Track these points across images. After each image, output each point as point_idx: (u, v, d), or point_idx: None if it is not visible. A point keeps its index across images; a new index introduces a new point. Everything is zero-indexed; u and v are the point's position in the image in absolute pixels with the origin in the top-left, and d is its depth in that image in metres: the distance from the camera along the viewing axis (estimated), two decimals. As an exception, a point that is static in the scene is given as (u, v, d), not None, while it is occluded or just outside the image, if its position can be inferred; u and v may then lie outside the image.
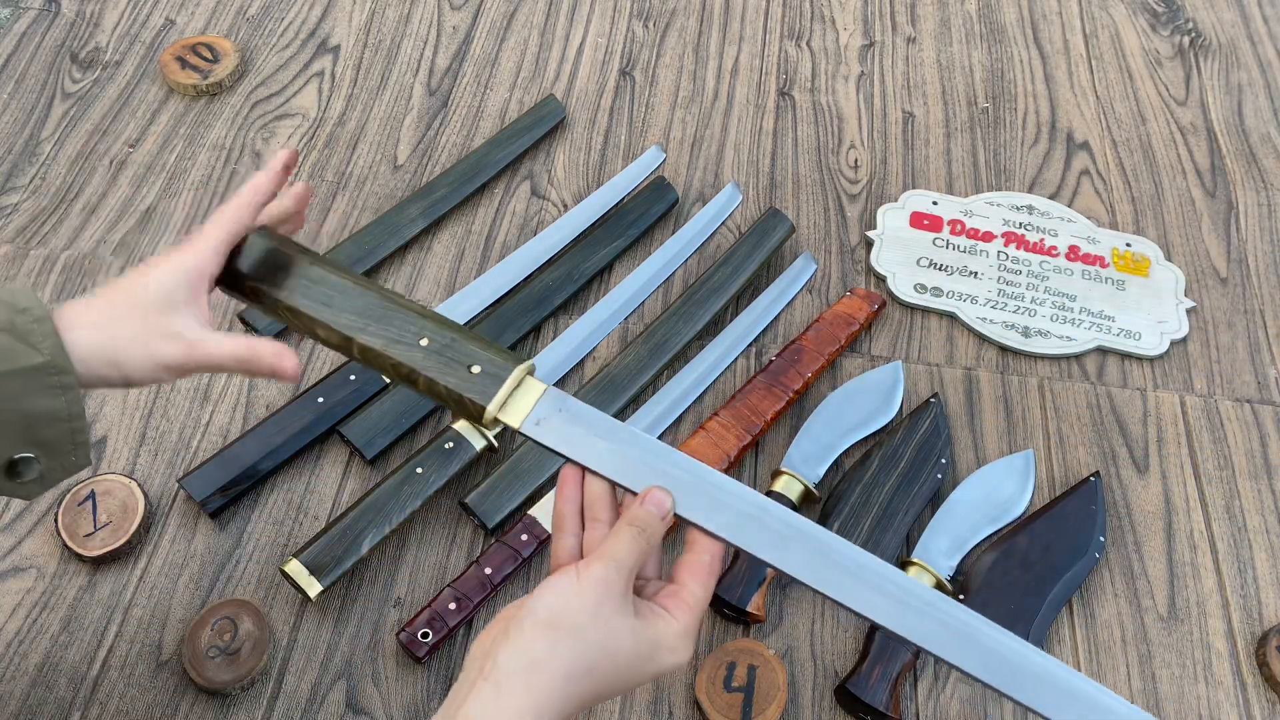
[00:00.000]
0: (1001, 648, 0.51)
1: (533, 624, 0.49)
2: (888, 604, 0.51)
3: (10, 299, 0.52)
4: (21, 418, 0.50)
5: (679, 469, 0.54)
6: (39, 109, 1.03)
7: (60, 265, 0.92)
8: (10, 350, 0.50)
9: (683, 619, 0.51)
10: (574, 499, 0.55)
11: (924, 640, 0.51)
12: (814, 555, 0.52)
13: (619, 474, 0.54)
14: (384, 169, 1.02)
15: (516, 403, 0.55)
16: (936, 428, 0.85)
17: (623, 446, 0.54)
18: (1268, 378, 0.94)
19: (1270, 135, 1.12)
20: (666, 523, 0.52)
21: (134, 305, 0.55)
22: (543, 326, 0.92)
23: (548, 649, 0.48)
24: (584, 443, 0.54)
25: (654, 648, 0.50)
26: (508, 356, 0.56)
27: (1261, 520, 0.85)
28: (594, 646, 0.49)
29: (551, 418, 0.55)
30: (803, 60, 1.16)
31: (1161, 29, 1.22)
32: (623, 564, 0.50)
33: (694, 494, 0.53)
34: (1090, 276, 0.98)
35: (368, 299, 0.59)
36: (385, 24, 1.15)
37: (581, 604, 0.49)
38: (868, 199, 1.04)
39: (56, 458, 0.53)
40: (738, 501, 0.53)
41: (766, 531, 0.52)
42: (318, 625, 0.75)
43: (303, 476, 0.82)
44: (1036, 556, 0.79)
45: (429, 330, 0.58)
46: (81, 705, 0.70)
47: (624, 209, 0.98)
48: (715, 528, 0.53)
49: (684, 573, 0.53)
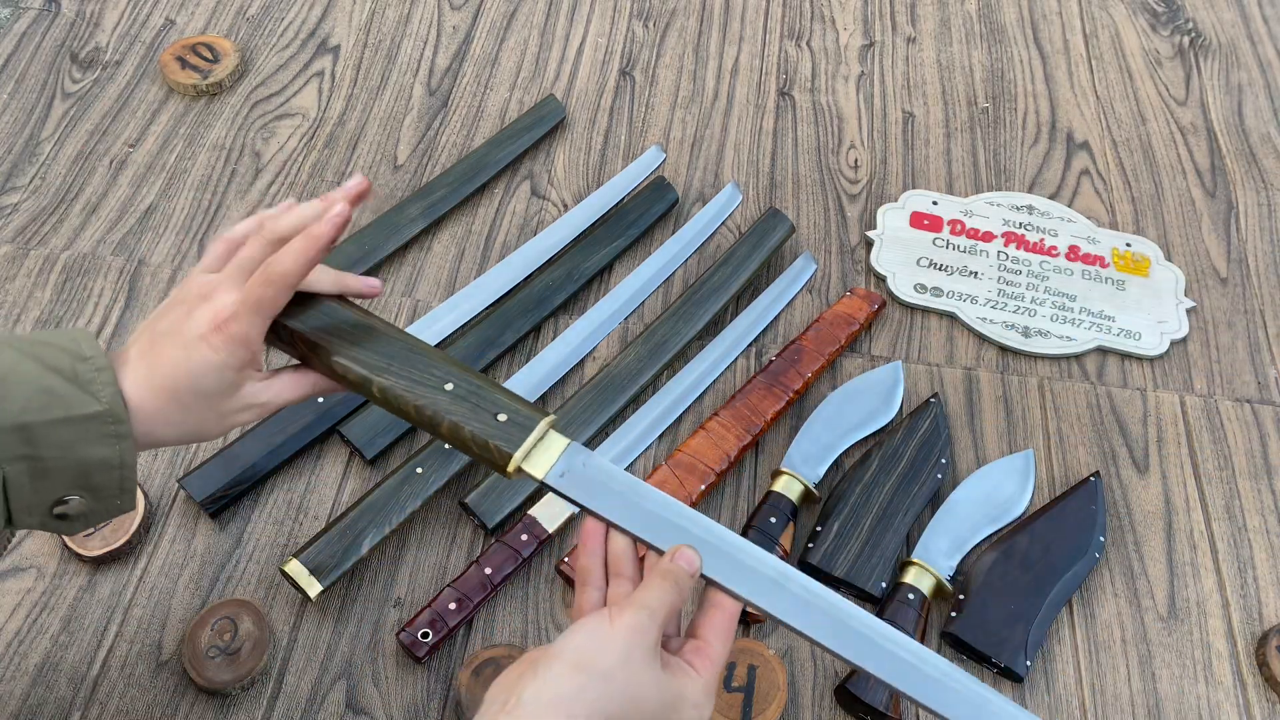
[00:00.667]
0: None
1: (561, 664, 0.49)
2: (903, 669, 0.52)
3: (74, 346, 0.52)
4: (76, 463, 0.51)
5: (701, 530, 0.54)
6: (39, 109, 1.03)
7: (60, 265, 0.92)
8: (72, 398, 0.50)
9: (706, 675, 0.52)
10: (598, 553, 0.56)
11: (938, 706, 0.52)
12: (835, 621, 0.53)
13: (644, 531, 0.54)
14: (384, 169, 1.02)
15: (541, 454, 0.55)
16: (936, 428, 0.85)
17: (646, 503, 0.55)
18: (1268, 378, 0.94)
19: (1270, 135, 1.12)
20: (694, 580, 0.53)
21: (198, 396, 0.54)
22: (543, 326, 0.91)
23: (575, 691, 0.48)
24: (608, 497, 0.55)
25: (679, 700, 0.51)
26: (533, 408, 0.56)
27: (1261, 520, 0.85)
28: (621, 693, 0.49)
29: (575, 471, 0.55)
30: (803, 60, 1.16)
31: (1161, 29, 1.22)
32: (655, 613, 0.51)
33: (717, 556, 0.54)
34: (1090, 276, 0.98)
35: (391, 341, 0.58)
36: (385, 24, 1.15)
37: (612, 648, 0.49)
38: (868, 199, 1.04)
39: (102, 501, 0.53)
40: (760, 565, 0.54)
41: (788, 596, 0.53)
42: (318, 625, 0.75)
43: (303, 476, 0.82)
44: (1036, 556, 0.79)
45: (454, 376, 0.56)
46: (81, 705, 0.70)
47: (624, 209, 0.98)
48: (739, 589, 0.53)
49: (706, 629, 0.53)
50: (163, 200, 0.98)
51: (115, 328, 0.88)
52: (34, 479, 0.50)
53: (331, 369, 0.57)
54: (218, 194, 0.99)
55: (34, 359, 0.51)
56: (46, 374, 0.50)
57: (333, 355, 0.57)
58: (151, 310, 0.89)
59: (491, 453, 0.55)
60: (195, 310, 0.54)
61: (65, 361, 0.51)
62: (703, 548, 0.53)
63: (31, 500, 0.51)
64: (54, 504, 0.52)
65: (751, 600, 0.53)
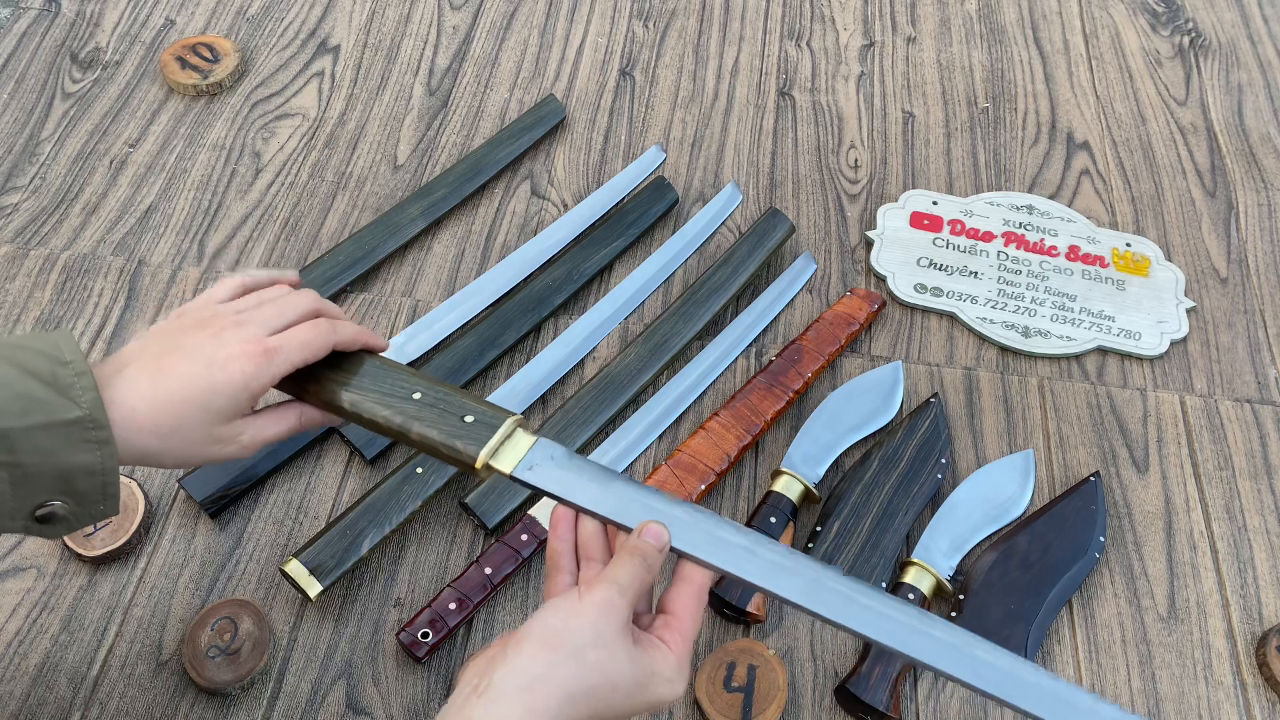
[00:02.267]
0: (995, 658, 0.52)
1: (532, 644, 0.49)
2: (879, 620, 0.53)
3: (53, 350, 0.52)
4: (57, 469, 0.50)
5: (670, 507, 0.55)
6: (39, 109, 1.03)
7: (60, 265, 0.92)
8: (51, 403, 0.50)
9: (678, 650, 0.52)
10: (568, 537, 0.56)
11: (917, 652, 0.52)
12: (807, 581, 0.53)
13: (613, 512, 0.55)
14: (384, 169, 1.02)
15: (508, 451, 0.57)
16: (936, 428, 0.85)
17: (614, 488, 0.56)
18: (1268, 378, 0.94)
19: (1270, 135, 1.12)
20: (663, 554, 0.54)
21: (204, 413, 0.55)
22: (543, 326, 0.91)
23: (547, 669, 0.48)
24: (576, 485, 0.56)
25: (651, 677, 0.51)
26: (499, 409, 0.58)
27: (1261, 520, 0.85)
28: (594, 670, 0.49)
29: (544, 464, 0.56)
30: (803, 60, 1.16)
31: (1161, 29, 1.22)
32: (625, 590, 0.51)
33: (687, 528, 0.54)
34: (1090, 276, 0.98)
35: (361, 360, 0.61)
36: (385, 24, 1.15)
37: (582, 625, 0.49)
38: (868, 199, 1.04)
39: (85, 506, 0.53)
40: (730, 534, 0.55)
41: (760, 561, 0.54)
42: (318, 625, 0.75)
43: (303, 476, 0.82)
44: (1036, 556, 0.79)
45: (421, 387, 0.59)
46: (81, 705, 0.70)
47: (624, 209, 0.98)
48: (709, 558, 0.54)
49: (676, 604, 0.54)
50: (163, 200, 0.98)
51: (115, 328, 0.88)
52: (14, 485, 0.50)
53: (304, 389, 0.60)
54: (218, 194, 0.99)
55: (12, 363, 0.50)
56: (25, 378, 0.50)
57: (306, 378, 0.60)
58: (151, 311, 0.90)
59: (459, 453, 0.56)
60: (224, 333, 0.56)
61: (44, 366, 0.51)
62: (672, 522, 0.54)
63: (13, 506, 0.50)
64: (35, 509, 0.51)
65: (722, 567, 0.53)
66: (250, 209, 0.98)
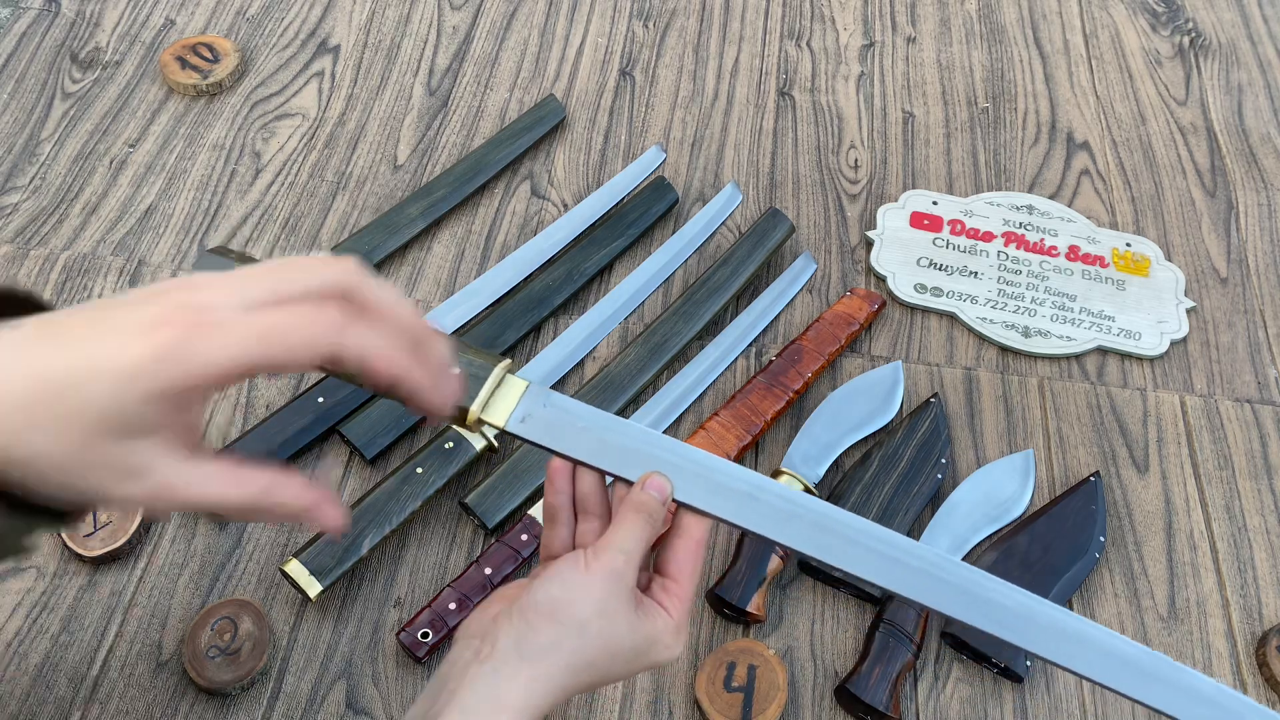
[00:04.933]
0: (1009, 601, 0.51)
1: (536, 613, 0.48)
2: (891, 567, 0.51)
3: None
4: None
5: (670, 454, 0.53)
6: (39, 109, 1.03)
7: (60, 265, 0.92)
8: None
9: (677, 614, 0.52)
10: (565, 491, 0.54)
11: (929, 600, 0.51)
12: (814, 527, 0.52)
13: (612, 464, 0.52)
14: (384, 169, 1.02)
15: (499, 402, 0.53)
16: (936, 428, 0.85)
17: (611, 436, 0.53)
18: (1268, 378, 0.94)
19: (1270, 135, 1.12)
20: (666, 507, 0.52)
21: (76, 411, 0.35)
22: (543, 326, 0.92)
23: (551, 642, 0.48)
24: (572, 436, 0.52)
25: (651, 644, 0.51)
26: (485, 356, 0.54)
27: (1261, 520, 0.85)
28: (596, 643, 0.49)
29: (537, 414, 0.53)
30: (803, 60, 1.16)
31: (1161, 29, 1.22)
32: (632, 555, 0.50)
33: (689, 478, 0.52)
34: (1090, 276, 0.98)
35: None
36: (385, 24, 1.15)
37: (588, 596, 0.49)
38: (868, 199, 1.04)
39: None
40: (733, 481, 0.52)
41: (765, 508, 0.52)
42: (318, 625, 0.75)
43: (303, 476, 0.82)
44: (1036, 556, 0.79)
45: None
46: (81, 705, 0.70)
47: (624, 209, 0.98)
48: (714, 510, 0.52)
49: (673, 566, 0.53)
50: (163, 200, 0.98)
51: (115, 328, 0.88)
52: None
53: None
54: (218, 194, 0.99)
55: None
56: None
57: None
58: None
59: None
60: (161, 296, 0.37)
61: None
62: (674, 472, 0.52)
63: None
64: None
65: (722, 516, 0.52)
66: (250, 209, 0.98)
